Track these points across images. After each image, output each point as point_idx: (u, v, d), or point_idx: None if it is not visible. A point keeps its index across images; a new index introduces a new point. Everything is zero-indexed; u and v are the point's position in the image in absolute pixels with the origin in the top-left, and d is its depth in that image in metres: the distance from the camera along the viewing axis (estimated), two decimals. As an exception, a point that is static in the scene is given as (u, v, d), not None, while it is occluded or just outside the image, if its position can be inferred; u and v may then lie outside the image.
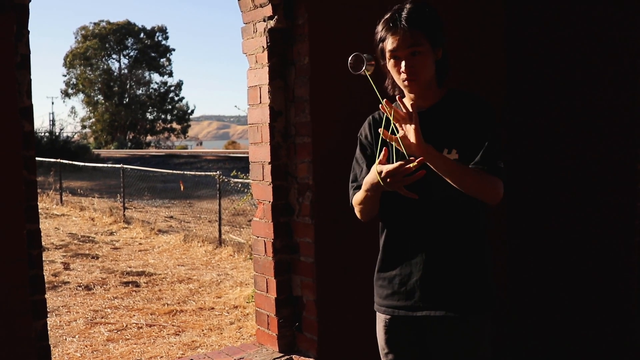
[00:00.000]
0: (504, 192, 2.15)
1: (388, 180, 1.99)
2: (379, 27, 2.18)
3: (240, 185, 10.62)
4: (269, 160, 3.35)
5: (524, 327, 4.12)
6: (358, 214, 2.32)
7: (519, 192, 4.09)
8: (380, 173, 2.01)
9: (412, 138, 1.99)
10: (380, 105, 2.04)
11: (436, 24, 2.17)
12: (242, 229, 11.71)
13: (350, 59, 2.12)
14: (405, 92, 2.24)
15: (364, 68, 2.10)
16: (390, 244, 2.30)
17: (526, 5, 4.05)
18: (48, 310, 2.79)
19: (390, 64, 2.19)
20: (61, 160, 18.32)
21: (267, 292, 3.46)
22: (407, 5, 2.15)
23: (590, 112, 3.75)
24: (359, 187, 2.27)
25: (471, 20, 3.93)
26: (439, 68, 2.21)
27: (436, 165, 2.03)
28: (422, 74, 2.15)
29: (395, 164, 1.97)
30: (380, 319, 2.34)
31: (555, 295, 3.97)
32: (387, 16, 2.17)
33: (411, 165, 1.94)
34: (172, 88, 64.46)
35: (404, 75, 2.15)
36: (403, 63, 2.13)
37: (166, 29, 63.89)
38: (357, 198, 2.27)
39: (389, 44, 2.14)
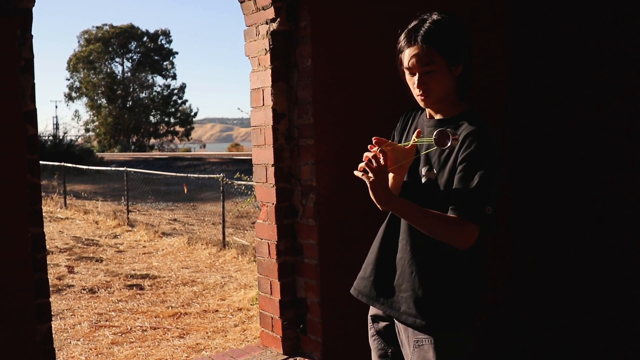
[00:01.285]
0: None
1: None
2: (401, 37, 2.15)
3: (243, 188, 10.62)
4: (273, 163, 3.36)
5: (527, 327, 4.12)
6: None
7: (523, 193, 4.08)
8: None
9: (375, 188, 1.98)
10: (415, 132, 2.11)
11: (456, 40, 2.11)
12: (245, 231, 11.71)
13: (435, 134, 2.01)
14: (421, 105, 2.22)
15: (449, 143, 1.99)
16: (381, 238, 2.32)
17: (529, 4, 4.05)
18: (52, 313, 2.79)
19: (407, 76, 2.18)
20: (65, 164, 18.34)
21: (271, 294, 3.46)
22: (430, 19, 2.11)
23: (595, 111, 3.75)
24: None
25: (474, 21, 3.93)
26: (459, 82, 2.17)
27: (398, 214, 2.06)
28: (434, 91, 2.12)
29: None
30: (369, 318, 2.40)
31: (560, 296, 3.96)
32: (410, 26, 2.14)
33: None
34: (176, 91, 64.64)
35: (417, 91, 2.15)
36: (416, 79, 2.12)
37: (169, 32, 64.10)
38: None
39: (405, 58, 2.12)
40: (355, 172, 2.04)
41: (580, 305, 3.86)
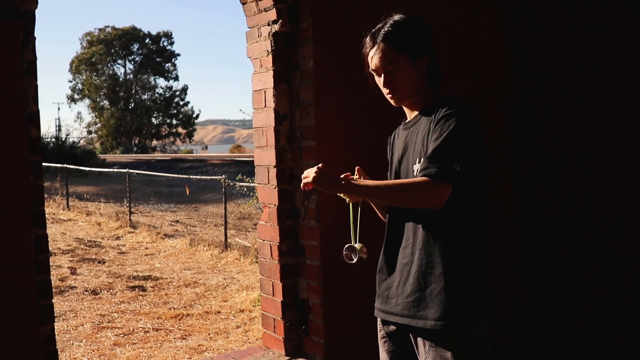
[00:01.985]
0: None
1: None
2: (366, 39, 2.23)
3: (245, 189, 10.63)
4: (274, 164, 3.36)
5: (529, 328, 4.11)
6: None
7: (526, 194, 4.08)
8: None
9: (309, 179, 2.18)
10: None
11: (415, 35, 2.17)
12: (247, 233, 11.72)
13: (344, 250, 2.27)
14: (392, 104, 2.27)
15: (356, 259, 2.26)
16: (383, 247, 2.32)
17: (531, 7, 4.05)
18: (55, 315, 2.80)
19: (375, 78, 2.25)
20: (67, 166, 18.38)
21: (273, 295, 3.46)
22: (390, 20, 2.19)
23: (597, 112, 3.75)
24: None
25: (476, 24, 3.93)
26: (428, 76, 2.21)
27: (358, 195, 2.19)
28: (401, 88, 2.18)
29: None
30: (379, 321, 2.38)
31: (562, 296, 3.96)
32: (373, 29, 2.21)
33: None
34: (178, 93, 64.72)
35: (385, 90, 2.21)
36: (382, 79, 2.19)
37: (171, 34, 64.19)
38: None
39: (369, 59, 2.21)
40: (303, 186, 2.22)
41: (582, 305, 3.86)
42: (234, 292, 7.38)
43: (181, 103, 65.03)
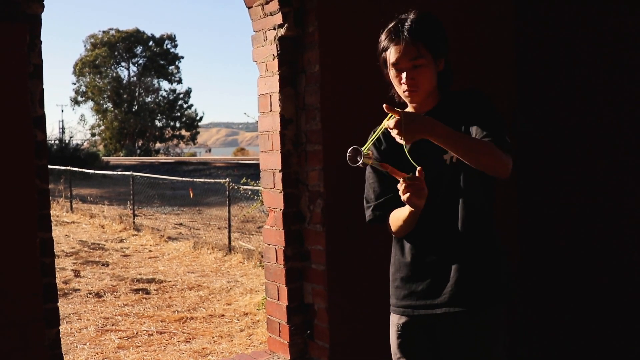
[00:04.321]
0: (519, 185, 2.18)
1: (408, 198, 1.99)
2: (382, 37, 2.20)
3: (249, 192, 10.62)
4: (280, 168, 3.36)
5: (532, 329, 4.10)
6: (395, 233, 2.28)
7: (531, 196, 4.08)
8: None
9: (392, 125, 1.96)
10: (384, 105, 1.99)
11: (439, 35, 2.18)
12: (251, 236, 11.72)
13: (349, 152, 2.03)
14: (407, 101, 2.26)
15: (360, 162, 2.01)
16: (406, 245, 2.30)
17: (537, 12, 4.04)
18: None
19: (392, 74, 2.21)
20: (71, 168, 18.40)
21: (278, 299, 3.46)
22: (411, 16, 2.17)
23: (602, 117, 3.74)
24: (376, 208, 2.29)
25: (482, 29, 3.93)
26: (441, 78, 2.22)
27: (440, 138, 1.98)
28: (423, 85, 2.17)
29: (402, 185, 1.98)
30: (394, 323, 2.33)
31: (567, 298, 3.95)
32: (390, 26, 2.19)
33: (416, 174, 1.96)
34: (181, 95, 64.73)
35: (404, 87, 2.18)
36: (404, 75, 2.15)
37: (175, 36, 64.26)
38: (397, 217, 2.22)
39: (391, 55, 2.16)
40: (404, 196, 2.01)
41: (588, 306, 3.85)
42: (238, 295, 7.38)
43: (185, 106, 65.10)
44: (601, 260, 3.77)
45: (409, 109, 2.28)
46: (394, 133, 1.97)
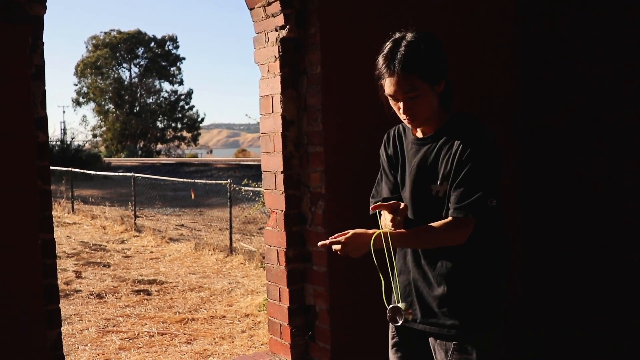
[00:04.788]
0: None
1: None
2: (379, 61, 2.14)
3: (251, 194, 10.62)
4: (282, 170, 3.36)
5: (535, 331, 4.10)
6: None
7: (531, 200, 4.07)
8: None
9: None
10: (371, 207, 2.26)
11: (435, 62, 2.10)
12: (252, 237, 11.71)
13: (388, 311, 2.17)
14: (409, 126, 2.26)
15: (401, 322, 2.15)
16: (401, 258, 2.33)
17: (538, 16, 4.04)
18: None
19: (390, 101, 2.19)
20: (73, 169, 18.41)
21: (279, 301, 3.46)
22: (404, 42, 2.08)
23: (603, 120, 3.74)
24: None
25: (484, 33, 3.93)
26: (442, 98, 2.18)
27: (395, 245, 2.13)
28: (421, 113, 2.14)
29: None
30: (391, 326, 2.35)
31: (569, 302, 3.95)
32: (386, 50, 2.12)
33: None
34: (183, 96, 64.89)
35: (403, 116, 2.16)
36: (401, 104, 2.13)
37: (176, 38, 64.39)
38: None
39: (387, 86, 2.12)
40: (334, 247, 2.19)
41: (589, 307, 3.85)
42: (239, 296, 7.37)
43: (186, 107, 65.24)
44: (602, 261, 3.77)
45: (412, 131, 2.28)
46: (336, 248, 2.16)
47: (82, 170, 20.21)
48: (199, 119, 67.42)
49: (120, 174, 19.13)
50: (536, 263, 4.09)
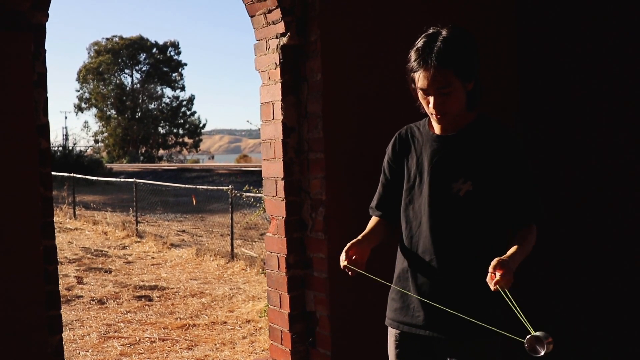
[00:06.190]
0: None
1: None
2: (412, 55, 2.14)
3: (252, 200, 10.63)
4: (282, 176, 3.37)
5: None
6: None
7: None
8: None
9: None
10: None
11: (470, 59, 2.13)
12: (254, 243, 11.72)
13: (526, 342, 1.99)
14: (434, 121, 2.25)
15: (544, 351, 1.96)
16: (401, 259, 2.33)
17: (539, 18, 4.06)
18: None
19: (420, 95, 2.18)
20: (74, 175, 18.42)
21: (280, 307, 3.46)
22: (441, 37, 2.10)
23: (605, 122, 3.75)
24: (377, 207, 2.48)
25: (484, 34, 3.94)
26: (469, 98, 2.19)
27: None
28: (451, 110, 2.14)
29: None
30: (391, 334, 2.35)
31: (570, 309, 3.95)
32: (419, 44, 2.13)
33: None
34: (184, 102, 64.95)
35: (432, 110, 2.15)
36: (432, 99, 2.12)
37: (178, 43, 64.47)
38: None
39: (419, 79, 2.12)
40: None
41: (587, 305, 3.85)
42: (240, 302, 7.38)
43: (188, 113, 65.27)
44: (602, 260, 3.77)
45: (434, 125, 2.27)
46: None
47: (84, 176, 20.25)
48: (201, 125, 67.48)
49: (122, 179, 19.13)
50: (536, 261, 4.09)
